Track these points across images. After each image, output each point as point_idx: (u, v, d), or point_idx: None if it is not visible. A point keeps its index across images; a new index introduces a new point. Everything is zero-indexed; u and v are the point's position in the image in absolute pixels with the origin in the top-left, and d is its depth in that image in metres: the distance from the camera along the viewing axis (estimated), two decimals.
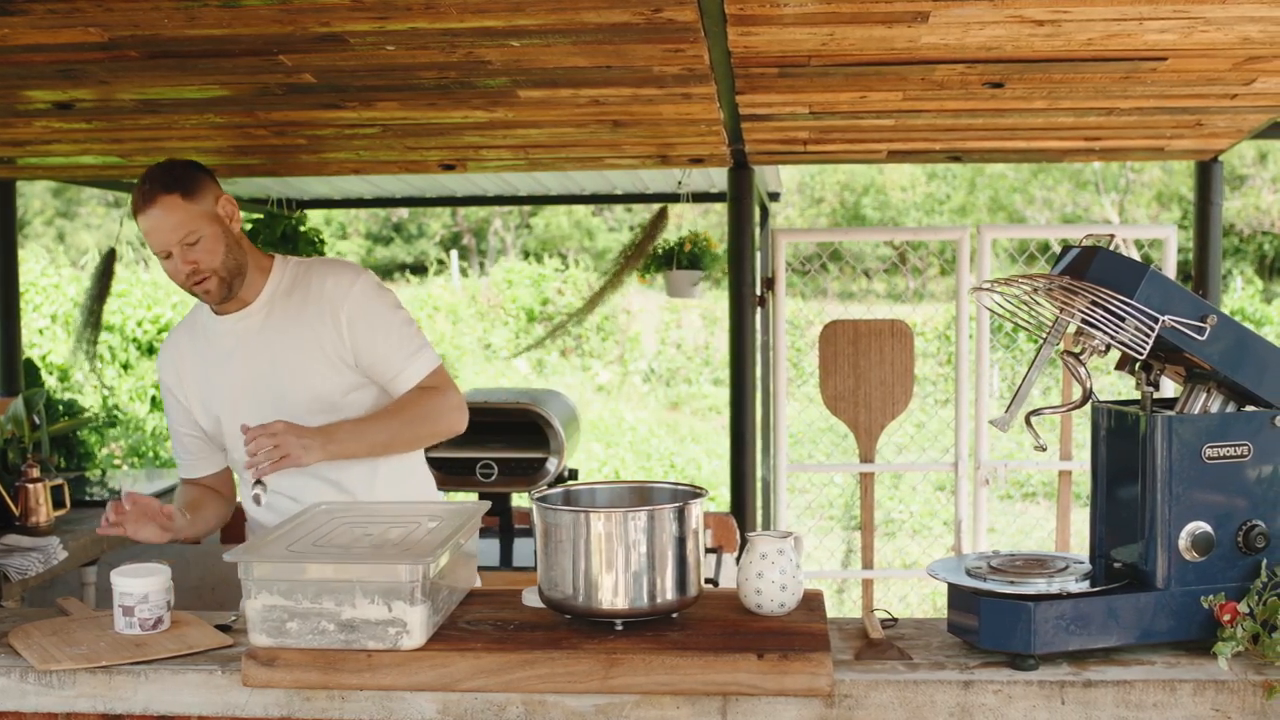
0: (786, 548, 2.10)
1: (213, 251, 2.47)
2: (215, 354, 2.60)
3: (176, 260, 2.47)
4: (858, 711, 1.91)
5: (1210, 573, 2.00)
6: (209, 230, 2.47)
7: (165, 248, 2.46)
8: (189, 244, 2.45)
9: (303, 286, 2.58)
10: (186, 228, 2.44)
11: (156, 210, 2.43)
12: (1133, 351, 1.95)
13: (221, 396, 2.59)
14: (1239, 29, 2.66)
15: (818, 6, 2.50)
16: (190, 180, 2.48)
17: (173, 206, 2.44)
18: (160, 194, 2.44)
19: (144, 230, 2.48)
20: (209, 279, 2.48)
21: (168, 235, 2.44)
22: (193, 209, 2.46)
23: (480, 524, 2.36)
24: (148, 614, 2.13)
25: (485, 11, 2.45)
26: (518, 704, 1.94)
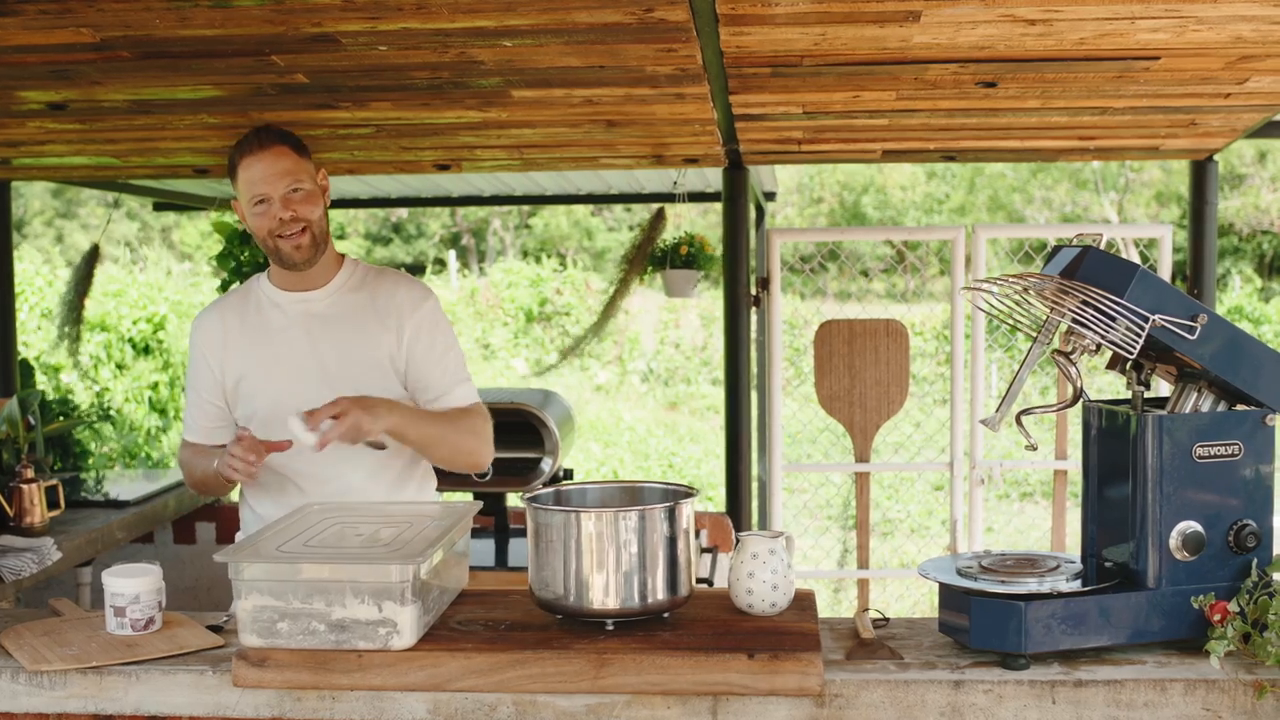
0: (778, 547, 2.10)
1: (314, 206, 2.58)
2: (269, 327, 2.65)
3: (274, 206, 2.54)
4: (848, 711, 1.91)
5: (1201, 572, 2.00)
6: (313, 187, 2.59)
7: (267, 193, 2.54)
8: (293, 191, 2.55)
9: (371, 288, 2.67)
10: (294, 175, 2.55)
11: (269, 155, 2.55)
12: (1123, 351, 1.95)
13: (263, 369, 2.63)
14: (1231, 28, 2.66)
15: (809, 6, 2.49)
16: (301, 142, 2.62)
17: (285, 155, 2.56)
18: (275, 142, 2.56)
19: (247, 177, 2.56)
20: (305, 231, 2.56)
21: (275, 181, 2.54)
22: (303, 163, 2.59)
23: (474, 524, 2.37)
24: (139, 615, 2.13)
25: (477, 11, 2.45)
26: (508, 704, 1.94)
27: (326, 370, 2.59)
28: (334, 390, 2.53)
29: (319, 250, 2.60)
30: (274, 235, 2.57)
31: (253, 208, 2.57)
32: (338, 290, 2.66)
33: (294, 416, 2.33)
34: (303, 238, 2.56)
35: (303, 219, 2.55)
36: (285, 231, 2.55)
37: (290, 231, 2.55)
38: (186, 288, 13.20)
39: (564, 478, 4.10)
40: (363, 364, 2.60)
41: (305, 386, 2.57)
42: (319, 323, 2.63)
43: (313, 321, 2.63)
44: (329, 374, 2.59)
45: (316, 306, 2.65)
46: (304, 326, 2.63)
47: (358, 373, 2.59)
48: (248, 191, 2.56)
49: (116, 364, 10.59)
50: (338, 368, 2.59)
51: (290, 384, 2.59)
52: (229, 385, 2.67)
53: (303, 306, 2.65)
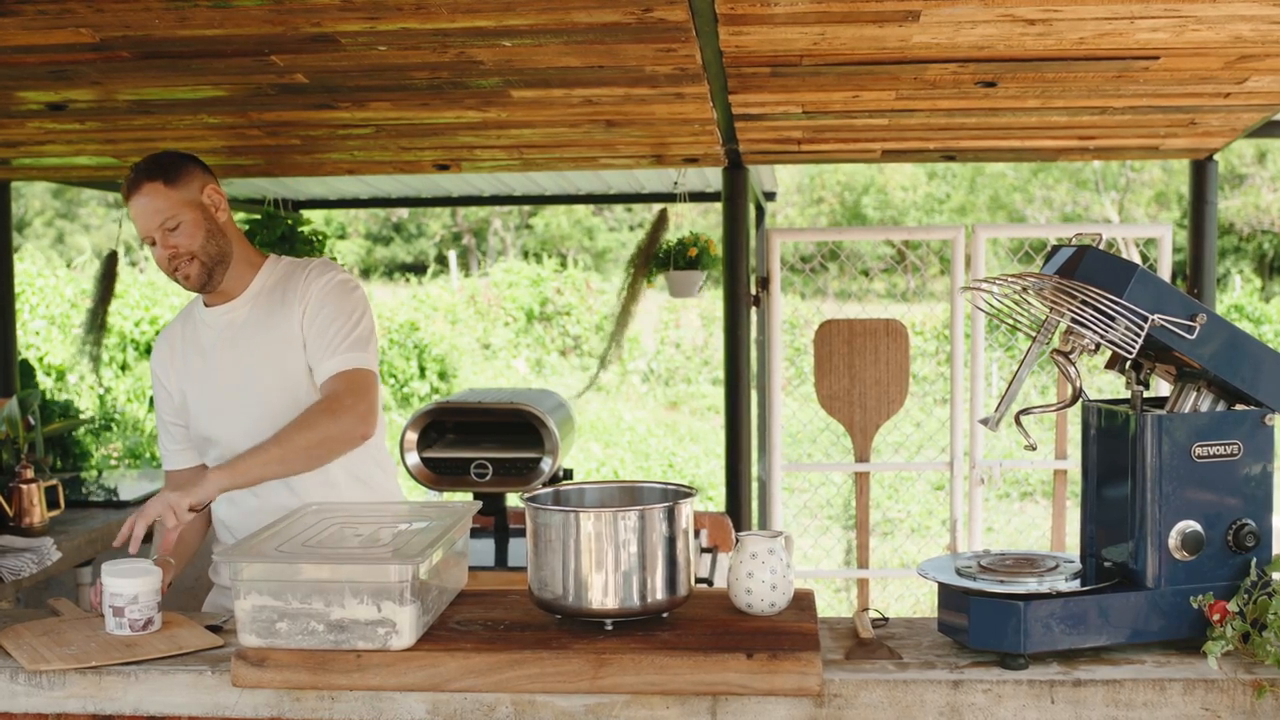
0: (777, 547, 2.10)
1: (192, 236, 2.55)
2: (201, 344, 2.67)
3: (158, 248, 2.56)
4: (847, 711, 1.91)
5: (1200, 572, 2.00)
6: (189, 216, 2.55)
7: (149, 233, 2.55)
8: (169, 229, 2.53)
9: (285, 282, 2.65)
10: (166, 213, 2.53)
11: (141, 198, 2.53)
12: (1122, 350, 1.95)
13: (200, 386, 2.64)
14: (1230, 28, 2.66)
15: (808, 6, 2.50)
16: (174, 168, 2.57)
17: (155, 193, 2.53)
18: (144, 181, 2.53)
19: (132, 217, 2.57)
20: (189, 263, 2.56)
21: (150, 220, 2.53)
22: (174, 195, 2.54)
23: (474, 524, 2.36)
24: (138, 615, 2.13)
25: (476, 11, 2.45)
26: (507, 704, 1.94)
27: (249, 376, 2.59)
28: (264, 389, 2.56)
29: (213, 275, 2.59)
30: (169, 272, 2.59)
31: (150, 248, 2.60)
32: (255, 294, 2.65)
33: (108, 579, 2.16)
34: (190, 267, 2.56)
35: (184, 253, 2.54)
36: (174, 266, 2.57)
37: (179, 264, 2.56)
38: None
39: (564, 478, 4.10)
40: (287, 357, 2.58)
41: (232, 397, 2.59)
42: (240, 331, 2.63)
43: (235, 331, 2.63)
44: (251, 380, 2.59)
45: (238, 316, 2.65)
46: (227, 338, 2.63)
47: (282, 367, 2.58)
48: (137, 230, 2.58)
49: (119, 365, 10.59)
50: (262, 367, 2.59)
51: (219, 397, 2.61)
52: (179, 405, 2.70)
53: (226, 318, 2.65)
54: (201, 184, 2.59)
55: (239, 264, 2.63)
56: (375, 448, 2.71)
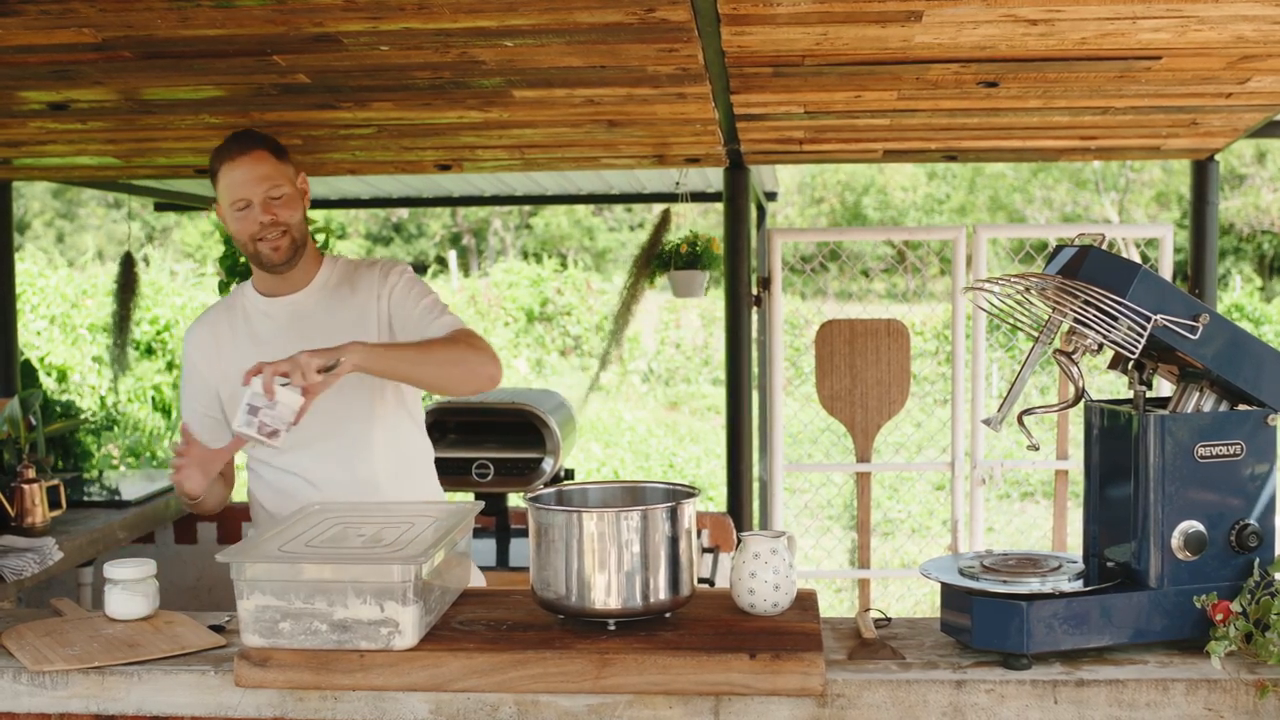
0: (780, 547, 2.10)
1: (293, 210, 2.61)
2: (258, 334, 2.67)
3: (255, 210, 2.58)
4: (850, 711, 1.91)
5: (1203, 572, 2.00)
6: (291, 190, 2.62)
7: (250, 196, 2.58)
8: (273, 196, 2.58)
9: (350, 280, 2.71)
10: (274, 180, 2.58)
11: (249, 160, 2.58)
12: (1125, 351, 1.95)
13: None
14: (1233, 28, 2.66)
15: (811, 6, 2.49)
16: (279, 146, 2.66)
17: (264, 160, 2.59)
18: (254, 147, 2.60)
19: (228, 181, 2.60)
20: (282, 236, 2.60)
21: (256, 185, 2.57)
22: (281, 168, 2.62)
23: (475, 524, 2.36)
24: (269, 420, 2.23)
25: (478, 12, 2.45)
26: (510, 704, 1.94)
27: None
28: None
29: (298, 253, 2.63)
30: (254, 239, 2.60)
31: (234, 212, 2.60)
32: (320, 288, 2.69)
33: (255, 380, 2.27)
34: (282, 240, 2.59)
35: (282, 223, 2.58)
36: (265, 235, 2.58)
37: (270, 235, 2.58)
38: (190, 288, 13.20)
39: (565, 478, 4.10)
40: None
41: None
42: (307, 323, 2.65)
43: (301, 322, 2.65)
44: None
45: (303, 307, 2.68)
46: (294, 329, 2.65)
47: None
48: (229, 195, 2.60)
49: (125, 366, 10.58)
50: None
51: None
52: (225, 395, 2.68)
53: (290, 309, 2.67)
54: (296, 169, 2.66)
55: (309, 256, 2.69)
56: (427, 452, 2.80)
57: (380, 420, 2.67)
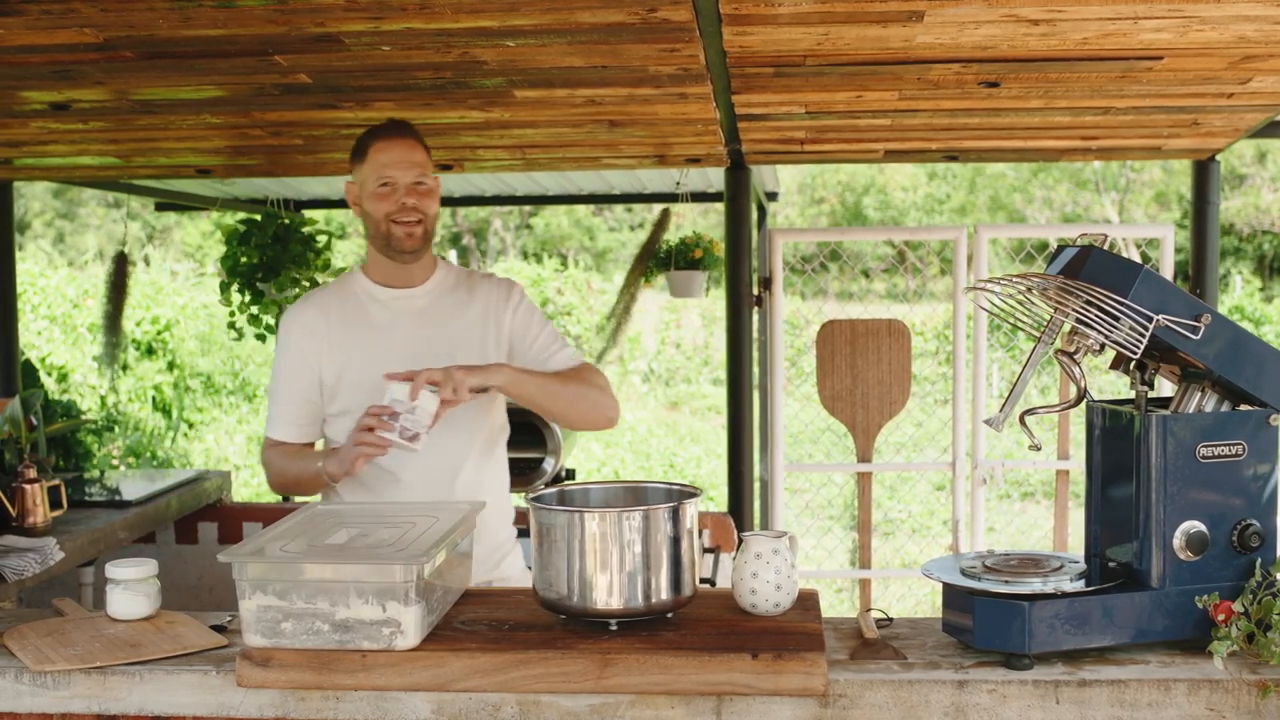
0: (781, 547, 2.10)
1: (433, 203, 2.68)
2: (373, 320, 2.69)
3: (399, 192, 2.62)
4: (852, 711, 1.91)
5: (1205, 572, 2.00)
6: (432, 186, 2.69)
7: (396, 178, 2.62)
8: (418, 184, 2.64)
9: (467, 287, 2.76)
10: (422, 170, 2.65)
11: (404, 144, 2.65)
12: (1127, 351, 1.95)
13: (367, 363, 2.64)
14: (1234, 28, 2.66)
15: (812, 6, 2.49)
16: (425, 143, 2.71)
17: (417, 149, 2.67)
18: (410, 136, 2.67)
19: (379, 159, 2.64)
20: (418, 225, 2.64)
21: (407, 170, 2.63)
22: (428, 162, 2.69)
23: (476, 524, 2.36)
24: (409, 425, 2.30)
25: (480, 12, 2.45)
26: (512, 704, 1.94)
27: (419, 361, 2.61)
28: None
29: (425, 245, 2.68)
30: (390, 219, 2.63)
31: (377, 188, 2.63)
32: (436, 289, 2.74)
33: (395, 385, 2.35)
34: (416, 228, 2.64)
35: (420, 210, 2.64)
36: (403, 218, 2.63)
37: (408, 219, 2.63)
38: (190, 288, 13.20)
39: (566, 478, 4.10)
40: (455, 358, 2.64)
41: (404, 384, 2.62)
42: (423, 319, 2.69)
43: (417, 318, 2.69)
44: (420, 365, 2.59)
45: (418, 303, 2.71)
46: (408, 322, 2.69)
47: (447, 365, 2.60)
48: (375, 173, 2.63)
49: (120, 365, 10.59)
50: (431, 360, 2.61)
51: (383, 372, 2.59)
52: (328, 380, 2.68)
53: (405, 303, 2.70)
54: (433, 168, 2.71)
55: (428, 255, 2.74)
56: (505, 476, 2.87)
57: (480, 434, 2.71)
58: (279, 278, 5.40)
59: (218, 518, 4.57)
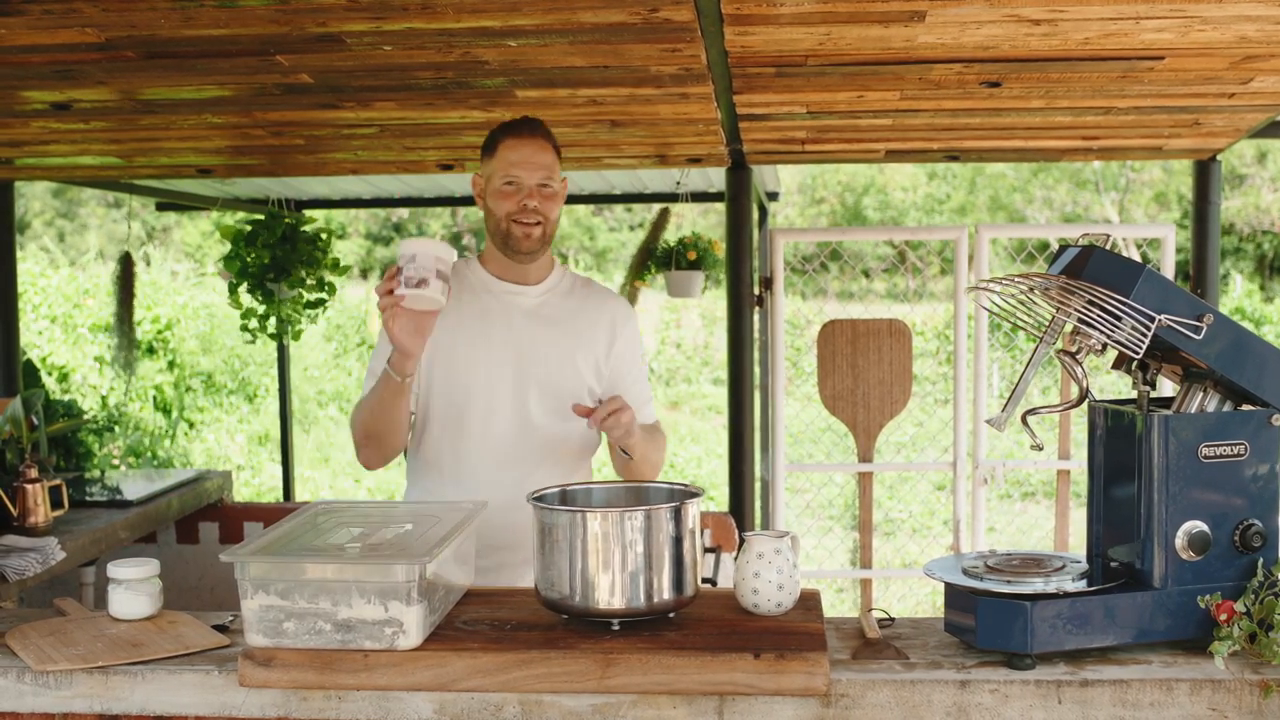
0: (783, 547, 2.10)
1: (555, 206, 2.62)
2: (479, 310, 2.66)
3: (522, 194, 2.57)
4: (854, 711, 1.91)
5: (1207, 572, 2.00)
6: (559, 190, 2.63)
7: (521, 178, 2.58)
8: (543, 186, 2.58)
9: (581, 295, 2.73)
10: (548, 172, 2.59)
11: (535, 144, 2.59)
12: (1129, 351, 1.95)
13: (464, 348, 2.62)
14: (1236, 28, 2.66)
15: (814, 6, 2.50)
16: (559, 148, 2.66)
17: (547, 150, 2.60)
18: (542, 136, 2.61)
19: (507, 156, 2.58)
20: (537, 226, 2.60)
21: (534, 171, 2.58)
22: (556, 165, 2.63)
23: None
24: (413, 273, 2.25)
25: (482, 12, 2.45)
26: (514, 704, 1.94)
27: (522, 361, 2.61)
28: (524, 379, 2.61)
29: (544, 247, 2.64)
30: (510, 218, 2.59)
31: (501, 186, 2.59)
32: (549, 291, 2.70)
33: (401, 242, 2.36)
34: (535, 229, 2.59)
35: (541, 213, 2.59)
36: (523, 219, 2.58)
37: (528, 220, 2.58)
38: (191, 287, 13.20)
39: None
40: (564, 365, 2.63)
41: (501, 373, 2.61)
42: (529, 318, 2.65)
43: (523, 316, 2.65)
44: (526, 367, 2.61)
45: (528, 302, 2.67)
46: (514, 318, 2.65)
47: (555, 371, 2.62)
48: (502, 171, 2.58)
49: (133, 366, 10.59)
50: (537, 364, 2.61)
51: (487, 368, 2.61)
52: (424, 359, 2.62)
53: (515, 299, 2.67)
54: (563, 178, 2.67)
55: (546, 257, 2.70)
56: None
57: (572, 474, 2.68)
58: (289, 277, 5.40)
59: (218, 517, 4.57)
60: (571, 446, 2.67)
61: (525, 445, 2.62)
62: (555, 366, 2.63)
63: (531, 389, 2.61)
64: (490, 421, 2.60)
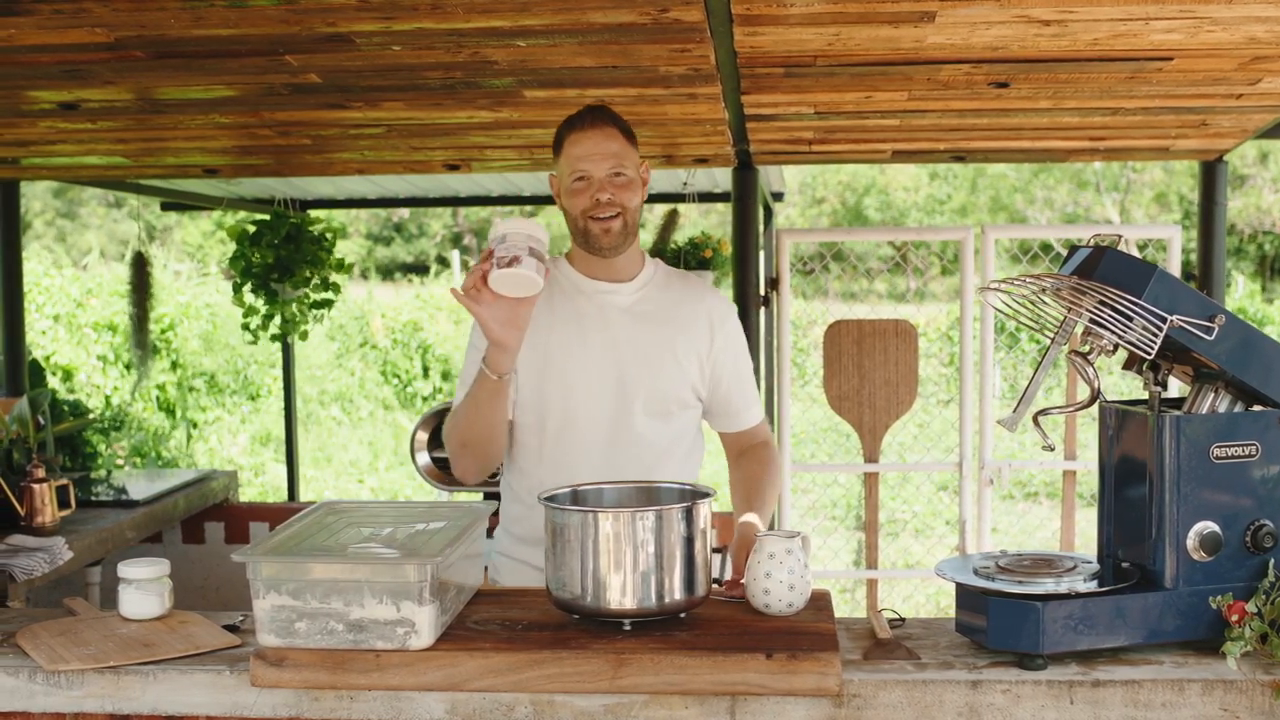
0: (794, 547, 2.10)
1: (632, 196, 2.47)
2: (578, 307, 2.53)
3: (594, 186, 2.44)
4: (866, 711, 1.91)
5: (1218, 572, 2.00)
6: (635, 176, 2.48)
7: (590, 171, 2.43)
8: (615, 176, 2.44)
9: (678, 289, 2.59)
10: (619, 160, 2.44)
11: (598, 134, 2.44)
12: (1141, 351, 1.95)
13: (558, 350, 2.51)
14: (1245, 29, 2.66)
15: (824, 6, 2.50)
16: (630, 130, 2.51)
17: (616, 138, 2.45)
18: (606, 123, 2.46)
19: (572, 152, 2.45)
20: (616, 219, 2.45)
21: (603, 161, 2.43)
22: (630, 152, 2.48)
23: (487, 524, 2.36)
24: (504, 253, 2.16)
25: (491, 12, 2.46)
26: (526, 704, 1.94)
27: (623, 364, 2.50)
28: (626, 384, 2.49)
29: (627, 240, 2.50)
30: (586, 215, 2.45)
31: (572, 184, 2.46)
32: (644, 286, 2.56)
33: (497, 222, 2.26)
34: (614, 222, 2.45)
35: (618, 204, 2.44)
36: (599, 214, 2.44)
37: (604, 214, 2.44)
38: (193, 287, 13.20)
39: None
40: (664, 363, 2.52)
41: (602, 377, 2.50)
42: (627, 317, 2.53)
43: (620, 315, 2.53)
44: (625, 368, 2.50)
45: (623, 300, 2.54)
46: (610, 318, 2.52)
47: (655, 371, 2.51)
48: (569, 167, 2.45)
49: (125, 365, 10.60)
50: (639, 365, 2.50)
51: (586, 372, 2.50)
52: (520, 363, 2.51)
53: (608, 298, 2.53)
54: (641, 158, 2.53)
55: (635, 249, 2.56)
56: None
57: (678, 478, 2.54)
58: (294, 277, 5.40)
59: (224, 517, 4.57)
60: (677, 450, 2.58)
61: (631, 451, 2.50)
62: (658, 367, 2.52)
63: (636, 392, 2.50)
64: (592, 428, 2.49)
